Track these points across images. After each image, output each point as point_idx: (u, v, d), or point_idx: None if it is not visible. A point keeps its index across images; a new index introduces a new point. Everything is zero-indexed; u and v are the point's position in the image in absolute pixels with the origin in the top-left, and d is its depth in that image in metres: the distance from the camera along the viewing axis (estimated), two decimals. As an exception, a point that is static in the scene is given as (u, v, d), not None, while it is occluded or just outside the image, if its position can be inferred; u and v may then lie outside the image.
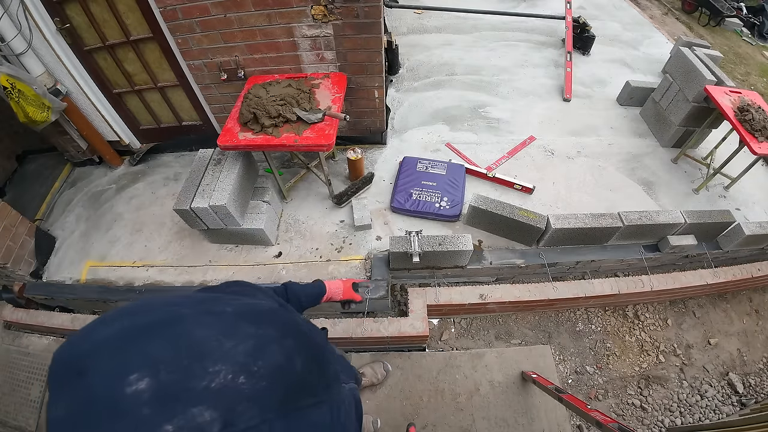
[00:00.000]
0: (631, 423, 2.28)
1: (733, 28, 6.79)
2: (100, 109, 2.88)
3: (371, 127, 3.02)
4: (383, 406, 2.15)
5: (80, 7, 2.39)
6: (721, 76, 3.11)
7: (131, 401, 0.27)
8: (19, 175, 3.37)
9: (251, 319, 0.34)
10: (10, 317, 2.62)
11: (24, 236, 2.56)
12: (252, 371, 0.30)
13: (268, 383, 0.31)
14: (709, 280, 2.55)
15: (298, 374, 0.34)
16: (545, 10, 4.65)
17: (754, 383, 2.49)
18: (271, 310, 0.38)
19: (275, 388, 0.31)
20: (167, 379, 0.27)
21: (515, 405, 2.17)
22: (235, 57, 2.53)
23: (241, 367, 0.30)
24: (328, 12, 2.27)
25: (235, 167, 2.35)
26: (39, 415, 2.30)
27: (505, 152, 3.17)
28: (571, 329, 2.57)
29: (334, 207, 2.76)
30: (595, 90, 3.84)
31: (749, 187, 3.08)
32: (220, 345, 0.30)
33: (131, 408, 0.27)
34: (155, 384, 0.27)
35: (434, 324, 2.53)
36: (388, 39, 3.47)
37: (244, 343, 0.31)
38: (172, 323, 0.31)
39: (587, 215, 2.42)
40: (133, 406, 0.27)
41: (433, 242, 2.24)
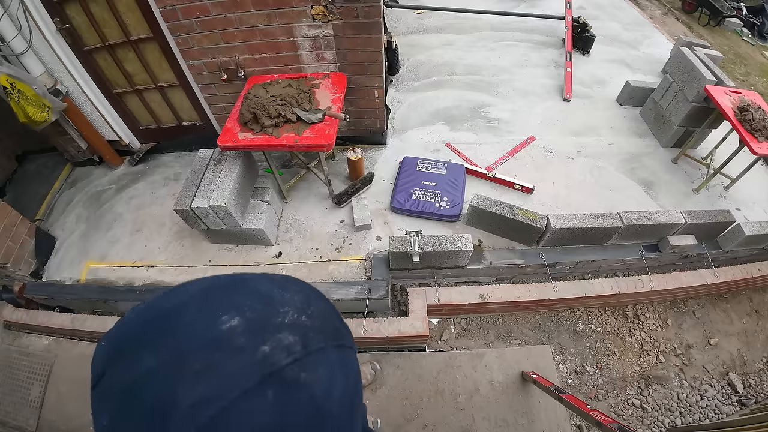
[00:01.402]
0: (631, 423, 2.28)
1: (733, 28, 6.79)
2: (100, 109, 2.88)
3: (371, 127, 3.02)
4: (383, 406, 2.15)
5: (80, 7, 2.39)
6: (721, 76, 3.11)
7: (228, 335, 0.32)
8: (19, 175, 3.37)
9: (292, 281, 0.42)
10: (10, 317, 2.62)
11: (24, 236, 2.56)
12: (308, 313, 0.37)
13: (321, 322, 0.38)
14: (709, 280, 2.55)
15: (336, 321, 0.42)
16: (545, 10, 4.65)
17: (754, 383, 2.49)
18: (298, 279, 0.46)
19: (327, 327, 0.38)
20: (252, 317, 0.34)
21: (515, 405, 2.17)
22: (235, 57, 2.53)
23: (300, 310, 0.37)
24: (328, 12, 2.27)
25: (235, 167, 2.35)
26: (39, 415, 2.30)
27: (505, 152, 3.17)
28: (571, 329, 2.57)
29: (334, 207, 2.76)
30: (595, 90, 3.84)
31: (749, 187, 3.08)
32: (282, 295, 0.38)
33: (229, 339, 0.32)
34: (244, 321, 0.33)
35: (434, 324, 2.52)
36: (388, 39, 3.47)
37: (297, 295, 0.39)
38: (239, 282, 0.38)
39: (587, 215, 2.42)
40: (230, 338, 0.32)
41: (433, 242, 2.23)
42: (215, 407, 0.29)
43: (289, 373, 0.33)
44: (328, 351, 0.37)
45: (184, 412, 0.29)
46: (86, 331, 2.48)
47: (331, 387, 0.36)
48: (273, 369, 0.32)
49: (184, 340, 0.32)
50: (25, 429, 2.28)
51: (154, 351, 0.32)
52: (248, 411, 0.30)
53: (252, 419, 0.30)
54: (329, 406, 0.35)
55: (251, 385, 0.31)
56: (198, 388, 0.30)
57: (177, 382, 0.30)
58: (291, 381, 0.32)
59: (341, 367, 0.38)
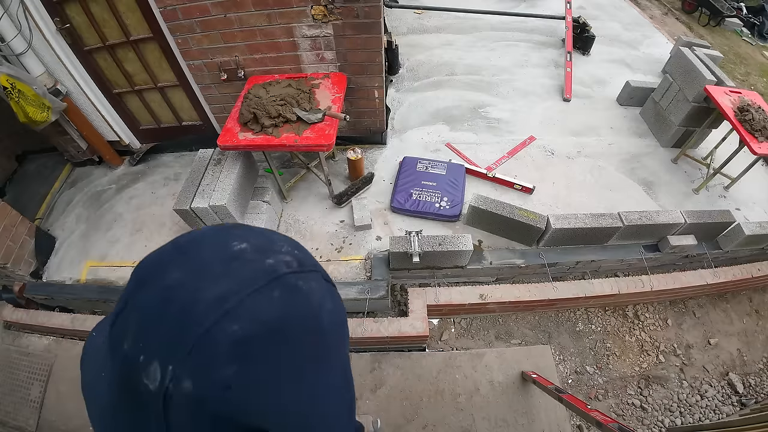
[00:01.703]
0: (631, 423, 2.28)
1: (733, 28, 6.79)
2: (100, 109, 2.88)
3: (371, 127, 3.02)
4: (383, 406, 2.15)
5: (80, 7, 2.39)
6: (721, 76, 3.11)
7: (240, 253, 0.40)
8: (19, 175, 3.37)
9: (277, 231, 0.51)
10: (10, 317, 2.62)
11: (24, 236, 2.56)
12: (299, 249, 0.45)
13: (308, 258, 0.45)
14: (709, 280, 2.55)
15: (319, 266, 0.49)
16: (545, 10, 4.65)
17: (754, 383, 2.49)
18: None
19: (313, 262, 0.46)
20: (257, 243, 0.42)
21: (515, 405, 2.17)
22: (235, 57, 2.52)
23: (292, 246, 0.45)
24: (328, 12, 2.27)
25: (235, 167, 2.35)
26: (39, 415, 2.30)
27: (505, 152, 3.17)
28: (571, 329, 2.57)
29: (334, 207, 2.76)
30: (595, 90, 3.84)
31: (749, 187, 3.08)
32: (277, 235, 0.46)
33: (242, 255, 0.40)
34: (251, 245, 0.41)
35: (434, 324, 2.52)
36: (388, 39, 3.47)
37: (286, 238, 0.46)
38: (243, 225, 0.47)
39: (587, 215, 2.42)
40: (242, 254, 0.40)
41: (433, 242, 2.23)
42: (234, 300, 0.36)
43: (290, 279, 0.40)
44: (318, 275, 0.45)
45: (209, 305, 0.36)
46: (86, 331, 2.48)
47: (323, 301, 0.43)
48: (277, 275, 0.39)
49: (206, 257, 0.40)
50: (25, 429, 2.28)
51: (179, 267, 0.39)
52: (260, 303, 0.37)
53: (263, 309, 0.37)
54: (322, 316, 0.42)
55: (261, 285, 0.38)
56: (219, 286, 0.37)
57: (201, 284, 0.37)
58: (291, 286, 0.40)
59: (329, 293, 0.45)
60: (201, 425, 0.37)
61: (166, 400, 0.35)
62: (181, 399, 0.35)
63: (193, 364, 0.35)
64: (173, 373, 0.35)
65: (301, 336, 0.40)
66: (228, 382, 0.35)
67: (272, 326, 0.37)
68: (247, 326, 0.36)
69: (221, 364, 0.35)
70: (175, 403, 0.35)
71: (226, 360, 0.35)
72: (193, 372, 0.35)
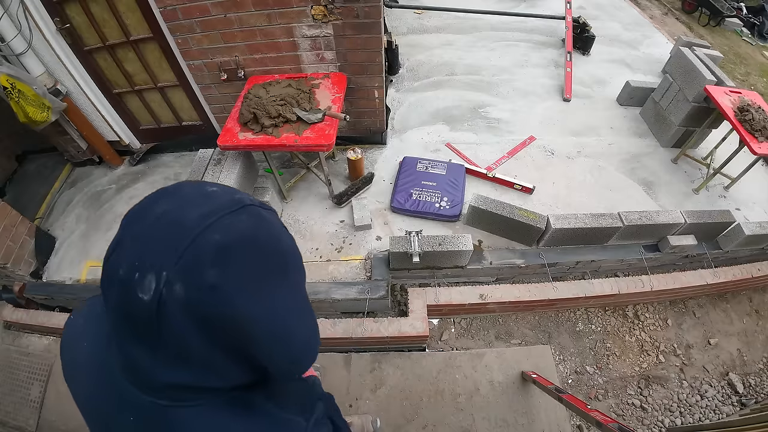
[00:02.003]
0: (631, 423, 2.28)
1: (733, 28, 6.79)
2: (100, 109, 2.88)
3: (371, 127, 3.02)
4: (383, 406, 2.15)
5: (80, 7, 2.39)
6: (721, 76, 3.11)
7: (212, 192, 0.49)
8: (19, 175, 3.36)
9: None
10: (10, 317, 2.62)
11: (24, 236, 2.56)
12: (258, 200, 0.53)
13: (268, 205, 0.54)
14: (709, 280, 2.55)
15: None
16: (545, 10, 4.65)
17: (754, 383, 2.49)
18: None
19: None
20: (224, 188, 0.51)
21: (515, 405, 2.17)
22: (235, 57, 2.53)
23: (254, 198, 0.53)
24: (328, 12, 2.27)
25: (235, 167, 2.35)
26: (39, 415, 2.30)
27: (505, 152, 3.17)
28: (571, 329, 2.57)
29: (334, 207, 2.76)
30: (595, 90, 3.84)
31: (749, 187, 3.08)
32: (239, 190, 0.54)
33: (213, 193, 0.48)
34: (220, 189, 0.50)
35: (434, 324, 2.52)
36: (388, 39, 3.47)
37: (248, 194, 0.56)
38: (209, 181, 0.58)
39: (587, 215, 2.42)
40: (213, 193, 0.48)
41: (433, 242, 2.23)
42: (214, 217, 0.44)
43: (254, 208, 0.49)
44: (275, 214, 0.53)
45: (194, 220, 0.43)
46: (86, 331, 2.48)
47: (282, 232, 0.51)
48: (244, 204, 0.48)
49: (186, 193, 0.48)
50: (25, 429, 2.28)
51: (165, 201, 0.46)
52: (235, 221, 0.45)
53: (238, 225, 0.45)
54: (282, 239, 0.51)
55: (234, 209, 0.46)
56: (202, 208, 0.45)
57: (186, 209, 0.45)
58: (257, 213, 0.48)
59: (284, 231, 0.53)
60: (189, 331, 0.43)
61: (159, 307, 0.41)
62: (173, 304, 0.41)
63: (183, 268, 0.41)
64: (166, 278, 0.41)
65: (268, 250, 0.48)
66: (213, 283, 0.42)
67: (247, 237, 0.45)
68: (227, 236, 0.43)
69: (206, 267, 0.41)
70: (168, 310, 0.41)
71: (211, 263, 0.42)
72: (184, 275, 0.41)
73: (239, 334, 0.46)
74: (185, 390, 0.48)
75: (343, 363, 2.28)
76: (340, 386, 2.19)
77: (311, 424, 0.59)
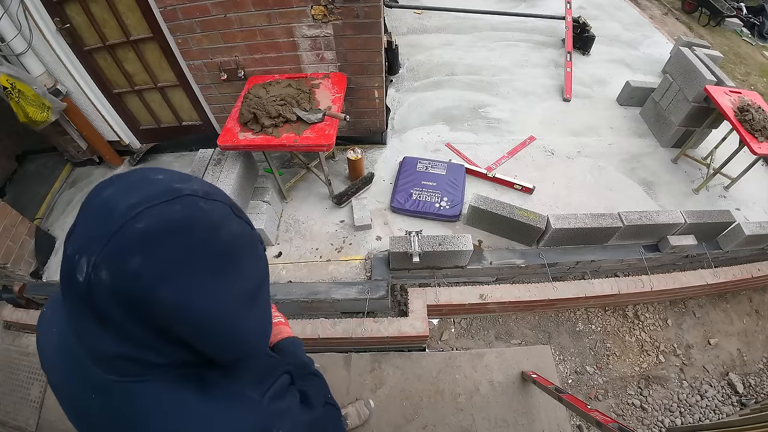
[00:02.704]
0: (631, 423, 2.28)
1: (733, 28, 6.79)
2: (100, 109, 2.88)
3: (371, 127, 3.02)
4: (383, 406, 2.15)
5: (80, 7, 2.39)
6: (721, 76, 3.11)
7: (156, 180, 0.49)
8: (19, 175, 3.36)
9: None
10: (10, 317, 2.62)
11: (24, 236, 2.56)
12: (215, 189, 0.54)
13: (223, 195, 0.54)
14: (709, 280, 2.55)
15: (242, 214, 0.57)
16: (545, 10, 4.65)
17: (754, 383, 2.49)
18: None
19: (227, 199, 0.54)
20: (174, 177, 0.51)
21: (515, 405, 2.17)
22: (235, 57, 2.53)
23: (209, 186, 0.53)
24: (328, 12, 2.27)
25: (235, 167, 2.35)
26: (39, 415, 2.30)
27: (505, 152, 3.17)
28: (571, 329, 2.57)
29: (334, 207, 2.76)
30: (595, 90, 3.84)
31: (749, 187, 3.08)
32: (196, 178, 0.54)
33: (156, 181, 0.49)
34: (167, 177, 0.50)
35: (434, 324, 2.52)
36: (388, 39, 3.47)
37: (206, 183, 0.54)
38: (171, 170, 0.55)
39: (587, 215, 2.42)
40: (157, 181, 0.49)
41: (433, 242, 2.23)
42: (143, 207, 0.45)
43: (191, 199, 0.48)
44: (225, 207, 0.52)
45: (123, 210, 0.44)
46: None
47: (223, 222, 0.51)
48: (181, 194, 0.47)
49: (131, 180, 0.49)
50: (25, 429, 2.28)
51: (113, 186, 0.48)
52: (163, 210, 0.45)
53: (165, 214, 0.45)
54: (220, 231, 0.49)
55: (166, 199, 0.46)
56: (133, 197, 0.45)
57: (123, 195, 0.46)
58: (192, 204, 0.48)
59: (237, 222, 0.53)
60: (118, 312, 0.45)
61: (89, 289, 0.44)
62: (100, 287, 0.44)
63: (108, 255, 0.43)
64: (94, 262, 0.43)
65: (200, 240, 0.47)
66: (135, 270, 0.43)
67: (174, 227, 0.45)
68: (151, 224, 0.44)
69: (129, 255, 0.43)
70: (96, 292, 0.44)
71: (133, 251, 0.43)
72: (109, 261, 0.43)
73: (167, 320, 0.47)
74: (132, 362, 0.50)
75: (343, 363, 2.28)
76: (340, 386, 2.19)
77: (267, 398, 0.60)
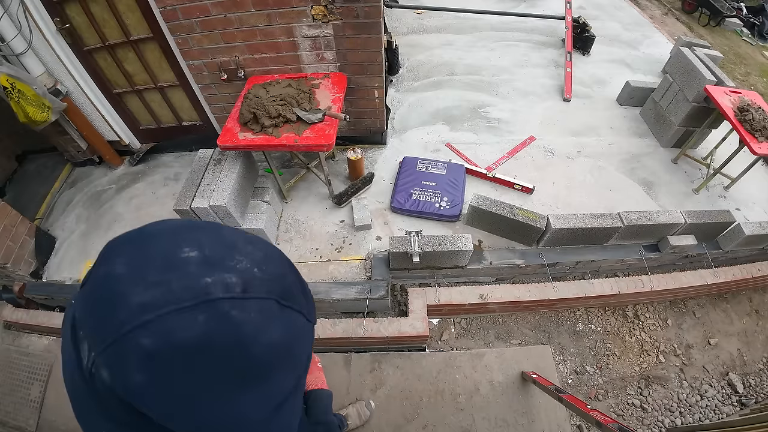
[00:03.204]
0: (631, 423, 2.28)
1: (733, 28, 6.79)
2: (100, 109, 2.88)
3: (371, 127, 3.02)
4: (383, 406, 2.15)
5: (80, 7, 2.39)
6: (721, 76, 3.11)
7: (183, 261, 0.39)
8: (19, 175, 3.36)
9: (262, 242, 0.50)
10: (10, 317, 2.62)
11: (24, 236, 2.56)
12: (262, 269, 0.43)
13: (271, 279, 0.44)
14: (709, 280, 2.55)
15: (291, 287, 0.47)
16: (545, 10, 4.65)
17: (754, 383, 2.49)
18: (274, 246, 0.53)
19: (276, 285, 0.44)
20: (210, 254, 0.41)
21: (515, 405, 2.17)
22: (235, 57, 2.52)
23: (255, 263, 0.43)
24: (328, 12, 2.27)
25: (235, 167, 2.35)
26: (39, 415, 2.30)
27: (505, 152, 3.17)
28: (571, 329, 2.57)
29: (334, 207, 2.76)
30: (595, 90, 3.84)
31: (749, 187, 3.08)
32: (245, 246, 0.44)
33: (182, 265, 0.39)
34: (201, 255, 0.40)
35: (434, 324, 2.52)
36: (388, 39, 3.47)
37: (258, 252, 0.45)
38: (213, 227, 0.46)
39: (587, 215, 2.42)
40: (183, 264, 0.39)
41: (433, 242, 2.23)
42: (153, 314, 0.36)
43: (222, 306, 0.38)
44: (268, 303, 0.42)
45: (131, 311, 0.36)
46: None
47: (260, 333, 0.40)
48: (208, 298, 0.38)
49: (152, 254, 0.40)
50: (25, 429, 2.28)
51: (126, 262, 0.40)
52: (178, 324, 0.36)
53: (179, 330, 0.36)
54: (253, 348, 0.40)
55: (186, 305, 0.37)
56: (146, 295, 0.37)
57: (134, 287, 0.38)
58: (221, 313, 0.38)
59: (280, 321, 0.43)
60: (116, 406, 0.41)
61: (90, 377, 0.40)
62: (100, 382, 0.39)
63: (108, 361, 0.38)
64: (94, 359, 0.39)
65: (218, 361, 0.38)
66: (137, 389, 0.37)
67: (184, 349, 0.36)
68: (159, 343, 0.36)
69: (131, 371, 0.37)
70: (96, 382, 0.40)
71: (136, 368, 0.37)
72: (109, 367, 0.38)
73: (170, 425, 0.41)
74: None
75: (343, 363, 2.28)
76: (340, 386, 2.19)
77: None
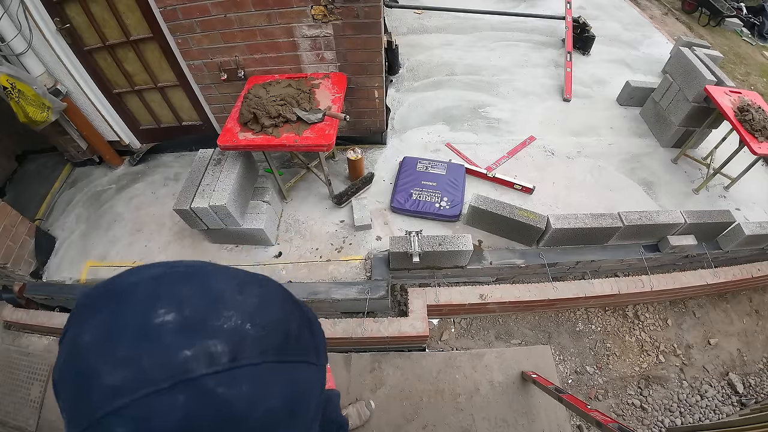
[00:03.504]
0: (631, 423, 2.28)
1: (733, 28, 6.79)
2: (100, 109, 2.88)
3: (371, 127, 3.02)
4: (383, 406, 2.15)
5: (80, 7, 2.39)
6: (721, 76, 3.11)
7: (157, 330, 0.34)
8: (19, 175, 3.36)
9: (257, 282, 0.43)
10: (10, 317, 2.62)
11: (24, 236, 2.56)
12: (255, 321, 0.37)
13: (267, 333, 0.38)
14: (709, 280, 2.55)
15: (293, 332, 0.41)
16: (545, 10, 4.65)
17: (754, 383, 2.49)
18: (274, 281, 0.46)
19: (273, 339, 0.38)
20: (190, 315, 0.35)
21: (515, 405, 2.17)
22: (235, 57, 2.52)
23: (247, 316, 0.37)
24: (328, 12, 2.27)
25: (235, 167, 2.35)
26: (39, 415, 2.30)
27: (505, 152, 3.17)
28: (571, 329, 2.57)
29: (334, 207, 2.76)
30: (595, 90, 3.84)
31: (749, 187, 3.08)
32: (233, 297, 0.38)
33: (155, 336, 0.33)
34: (180, 318, 0.34)
35: (434, 324, 2.52)
36: (388, 39, 3.47)
37: (251, 299, 0.39)
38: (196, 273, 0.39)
39: (587, 215, 2.42)
40: (158, 334, 0.33)
41: (433, 242, 2.23)
42: (127, 398, 0.31)
43: (205, 383, 0.33)
44: (262, 367, 0.36)
45: (104, 392, 0.32)
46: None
47: (255, 405, 0.35)
48: (187, 377, 0.32)
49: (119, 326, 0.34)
50: (25, 429, 2.28)
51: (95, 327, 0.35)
52: (154, 408, 0.31)
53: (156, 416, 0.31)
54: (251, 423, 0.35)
55: (163, 387, 0.32)
56: (117, 374, 0.32)
57: (104, 362, 0.33)
58: (205, 392, 0.33)
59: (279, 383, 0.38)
60: None
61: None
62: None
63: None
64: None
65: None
66: None
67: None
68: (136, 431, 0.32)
69: None
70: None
71: None
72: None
73: None
74: None
75: (343, 363, 2.28)
76: (340, 386, 2.19)
77: None
